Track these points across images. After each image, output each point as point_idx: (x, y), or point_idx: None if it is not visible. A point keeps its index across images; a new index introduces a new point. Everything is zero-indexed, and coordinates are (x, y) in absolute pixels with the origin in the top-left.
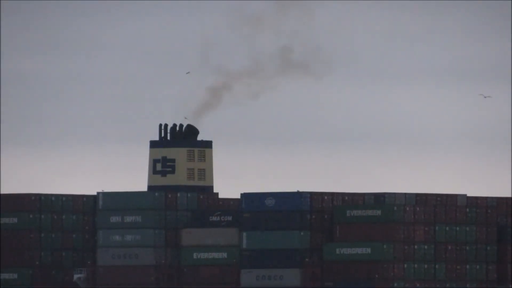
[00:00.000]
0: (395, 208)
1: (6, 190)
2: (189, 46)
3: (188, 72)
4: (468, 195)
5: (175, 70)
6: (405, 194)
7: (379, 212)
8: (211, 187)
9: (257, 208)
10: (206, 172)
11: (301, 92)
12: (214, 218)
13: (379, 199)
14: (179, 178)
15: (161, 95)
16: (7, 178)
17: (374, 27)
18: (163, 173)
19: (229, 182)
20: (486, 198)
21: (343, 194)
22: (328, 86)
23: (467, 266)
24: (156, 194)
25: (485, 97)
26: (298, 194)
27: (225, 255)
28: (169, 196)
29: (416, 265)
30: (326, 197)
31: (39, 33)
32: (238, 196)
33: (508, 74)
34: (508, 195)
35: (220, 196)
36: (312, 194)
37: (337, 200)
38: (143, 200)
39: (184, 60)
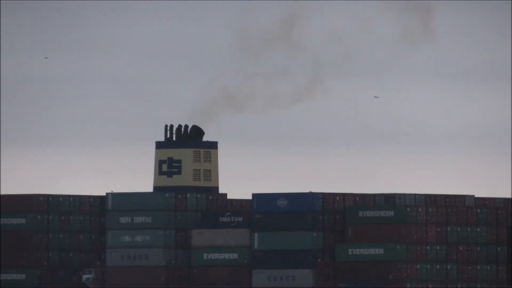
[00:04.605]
0: (408, 209)
1: (14, 190)
2: (194, 47)
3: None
4: (475, 196)
5: (180, 71)
6: (415, 195)
7: (391, 213)
8: (217, 188)
9: (269, 209)
10: (211, 173)
11: (309, 93)
12: (224, 219)
13: (389, 200)
14: (185, 179)
15: (167, 96)
16: (14, 179)
17: (376, 30)
18: (169, 174)
19: (235, 183)
20: (494, 199)
21: (354, 195)
22: (336, 88)
23: (478, 267)
24: (166, 195)
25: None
26: (311, 195)
27: (235, 255)
28: (179, 197)
29: (428, 266)
30: (338, 198)
31: (46, 33)
32: (246, 197)
33: (508, 74)
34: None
35: (227, 197)
36: (324, 195)
37: (349, 201)
38: (153, 201)
39: (189, 61)
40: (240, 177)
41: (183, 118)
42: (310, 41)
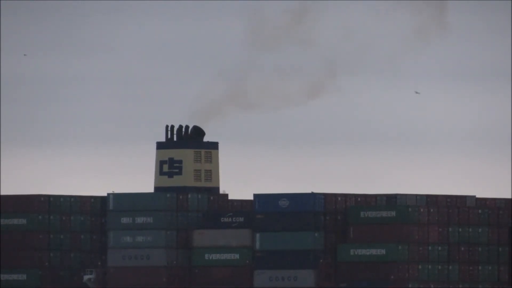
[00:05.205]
0: (410, 209)
1: (15, 191)
2: (196, 47)
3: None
4: (476, 196)
5: (182, 71)
6: (416, 195)
7: (393, 213)
8: (218, 188)
9: (270, 209)
10: (212, 173)
11: (312, 93)
12: (226, 219)
13: (391, 200)
14: (186, 179)
15: (167, 96)
16: (15, 179)
17: (382, 29)
18: (170, 175)
19: (236, 184)
20: (495, 199)
21: (355, 195)
22: (338, 89)
23: (479, 267)
24: (168, 195)
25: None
26: (312, 195)
27: (237, 256)
28: (180, 197)
29: (430, 266)
30: (339, 198)
31: (46, 33)
32: (247, 197)
33: (508, 74)
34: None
35: (229, 197)
36: (326, 195)
37: (350, 201)
38: (154, 201)
39: (190, 61)
40: (241, 177)
41: (183, 119)
42: (320, 39)
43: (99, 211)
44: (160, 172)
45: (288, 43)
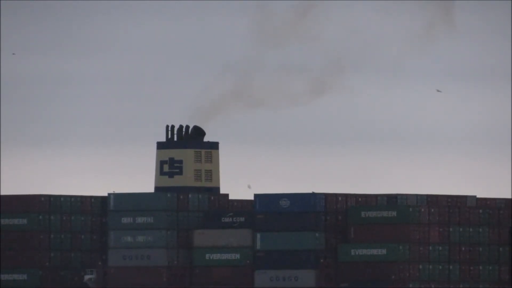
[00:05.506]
0: (410, 209)
1: (15, 191)
2: (199, 45)
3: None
4: (477, 196)
5: (184, 70)
6: (417, 195)
7: (394, 213)
8: (218, 188)
9: (271, 209)
10: (213, 173)
11: (317, 92)
12: (226, 219)
13: (391, 200)
14: (186, 179)
15: (168, 96)
16: (15, 179)
17: (381, 30)
18: (170, 175)
19: (236, 184)
20: (495, 199)
21: (356, 195)
22: (338, 89)
23: (480, 267)
24: (168, 195)
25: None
26: (313, 195)
27: (237, 256)
28: (181, 197)
29: (430, 266)
30: (340, 198)
31: (46, 33)
32: (248, 197)
33: (508, 74)
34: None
35: (229, 197)
36: (326, 195)
37: (351, 201)
38: (155, 201)
39: (193, 60)
40: (242, 177)
41: (184, 119)
42: (325, 36)
43: (99, 211)
44: (160, 172)
45: (293, 41)
